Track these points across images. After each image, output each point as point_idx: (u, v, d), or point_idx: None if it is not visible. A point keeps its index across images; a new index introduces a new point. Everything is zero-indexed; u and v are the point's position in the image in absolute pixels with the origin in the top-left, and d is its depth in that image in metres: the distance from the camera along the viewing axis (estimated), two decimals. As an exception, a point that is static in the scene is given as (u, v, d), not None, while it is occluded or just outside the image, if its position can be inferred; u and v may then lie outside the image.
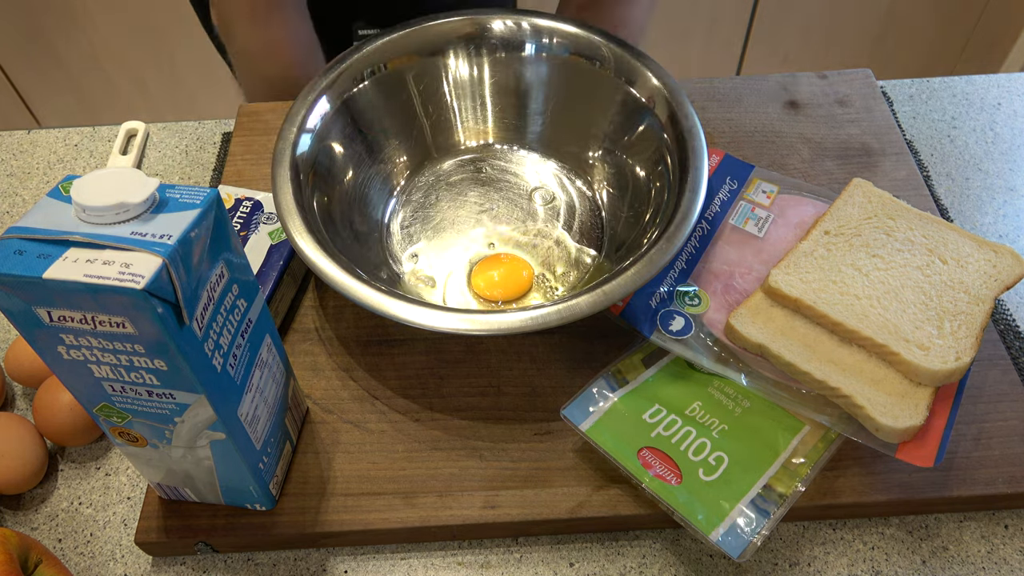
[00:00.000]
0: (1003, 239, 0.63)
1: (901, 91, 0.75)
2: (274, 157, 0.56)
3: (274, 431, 0.47)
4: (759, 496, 0.46)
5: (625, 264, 0.50)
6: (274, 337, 0.46)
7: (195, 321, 0.36)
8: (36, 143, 0.75)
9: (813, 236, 0.55)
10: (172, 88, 1.69)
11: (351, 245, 0.57)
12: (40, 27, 1.55)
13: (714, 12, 1.60)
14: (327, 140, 0.59)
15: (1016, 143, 0.70)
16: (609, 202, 0.63)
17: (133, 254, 0.34)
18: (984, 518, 0.50)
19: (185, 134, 0.75)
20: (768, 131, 0.69)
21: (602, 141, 0.64)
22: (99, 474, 0.54)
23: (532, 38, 0.64)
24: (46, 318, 0.35)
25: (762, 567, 0.48)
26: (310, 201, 0.55)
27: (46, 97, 1.69)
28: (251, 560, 0.50)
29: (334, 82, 0.60)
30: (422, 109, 0.65)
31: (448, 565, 0.49)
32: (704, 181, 0.53)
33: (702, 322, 0.52)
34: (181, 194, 0.37)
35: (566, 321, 0.47)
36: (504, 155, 0.67)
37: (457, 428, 0.52)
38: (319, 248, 0.51)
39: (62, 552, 0.51)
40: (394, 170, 0.65)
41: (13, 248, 0.34)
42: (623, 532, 0.50)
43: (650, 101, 0.60)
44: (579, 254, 0.60)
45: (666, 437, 0.48)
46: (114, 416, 0.41)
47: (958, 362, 0.47)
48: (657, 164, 0.59)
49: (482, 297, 0.58)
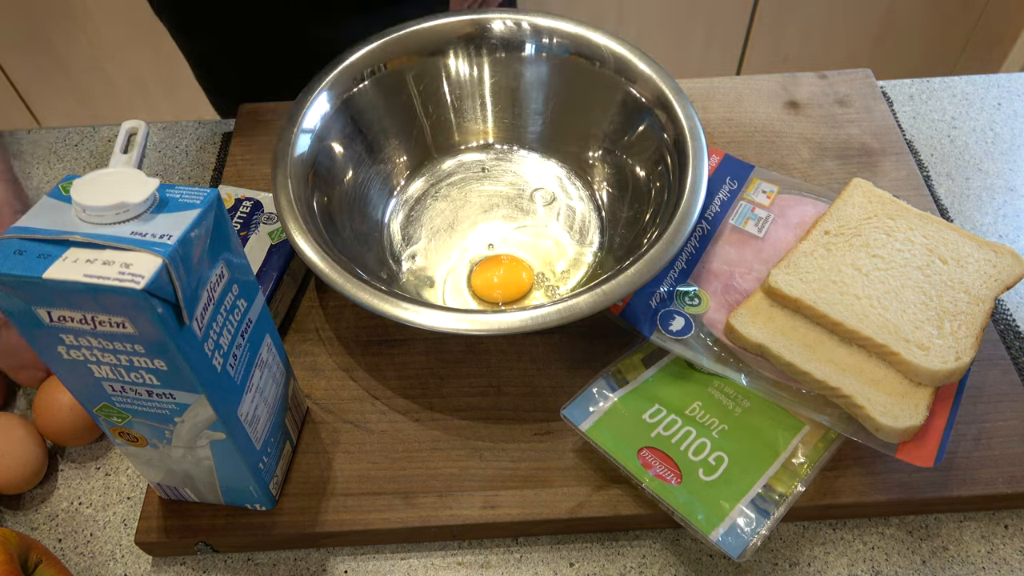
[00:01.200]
0: (1003, 239, 0.63)
1: (901, 91, 0.75)
2: (274, 157, 0.56)
3: (274, 431, 0.47)
4: (759, 496, 0.46)
5: (625, 264, 0.50)
6: (274, 337, 0.46)
7: (195, 321, 0.36)
8: (36, 143, 0.75)
9: (813, 236, 0.54)
10: (172, 88, 1.68)
11: (351, 245, 0.57)
12: (40, 27, 1.55)
13: (714, 12, 1.60)
14: (327, 140, 0.59)
15: (1016, 143, 0.70)
16: (609, 202, 0.63)
17: (133, 254, 0.34)
18: (984, 518, 0.50)
19: (185, 134, 0.75)
20: (768, 131, 0.69)
21: (602, 141, 0.64)
22: (99, 474, 0.54)
23: (532, 38, 0.64)
24: (46, 318, 0.35)
25: (762, 567, 0.48)
26: (310, 201, 0.55)
27: (46, 97, 1.69)
28: (251, 560, 0.50)
29: (334, 82, 0.60)
30: (422, 109, 0.65)
31: (448, 565, 0.49)
32: (704, 181, 0.54)
33: (702, 322, 0.52)
34: (181, 194, 0.37)
35: (566, 321, 0.47)
36: (504, 155, 0.67)
37: (457, 428, 0.52)
38: (319, 248, 0.51)
39: (62, 552, 0.51)
40: (394, 170, 0.65)
41: (13, 248, 0.34)
42: (623, 532, 0.50)
43: (650, 101, 0.60)
44: (579, 254, 0.60)
45: (666, 437, 0.48)
46: (114, 416, 0.41)
47: (958, 362, 0.47)
48: (657, 164, 0.59)
49: (482, 299, 0.58)
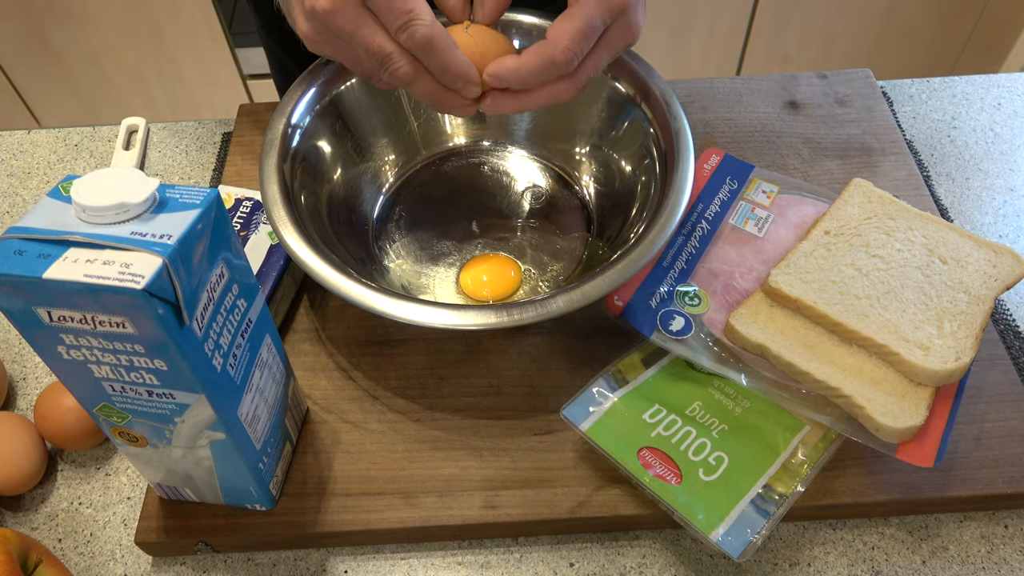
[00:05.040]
0: (1003, 239, 0.63)
1: (901, 91, 0.75)
2: (261, 152, 0.55)
3: (274, 431, 0.47)
4: (759, 496, 0.46)
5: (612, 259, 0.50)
6: (274, 337, 0.46)
7: (195, 321, 0.36)
8: (36, 143, 0.75)
9: (813, 236, 0.54)
10: (172, 88, 1.69)
11: (339, 242, 0.57)
12: (40, 26, 1.55)
13: (714, 12, 1.60)
14: (315, 138, 0.59)
15: (1016, 143, 0.70)
16: (597, 198, 0.63)
17: (133, 254, 0.34)
18: (984, 518, 0.50)
19: (185, 134, 0.75)
20: (768, 131, 0.69)
21: (589, 137, 0.64)
22: (99, 474, 0.54)
23: (516, 35, 0.64)
24: (46, 318, 0.35)
25: (762, 567, 0.48)
26: (298, 197, 0.55)
27: (46, 97, 1.69)
28: (251, 560, 0.50)
29: (322, 79, 0.60)
30: (410, 107, 0.65)
31: (448, 565, 0.49)
32: (689, 177, 0.53)
33: (702, 322, 0.52)
34: (181, 194, 0.37)
35: (541, 319, 0.47)
36: (492, 152, 0.67)
37: (457, 428, 0.52)
38: (305, 242, 0.51)
39: (62, 552, 0.51)
40: (383, 168, 0.65)
41: (13, 248, 0.34)
42: (623, 532, 0.50)
43: (635, 96, 0.60)
44: (568, 250, 0.60)
45: (666, 437, 0.48)
46: (114, 416, 0.41)
47: (958, 362, 0.47)
48: (643, 159, 0.59)
49: (470, 297, 0.58)
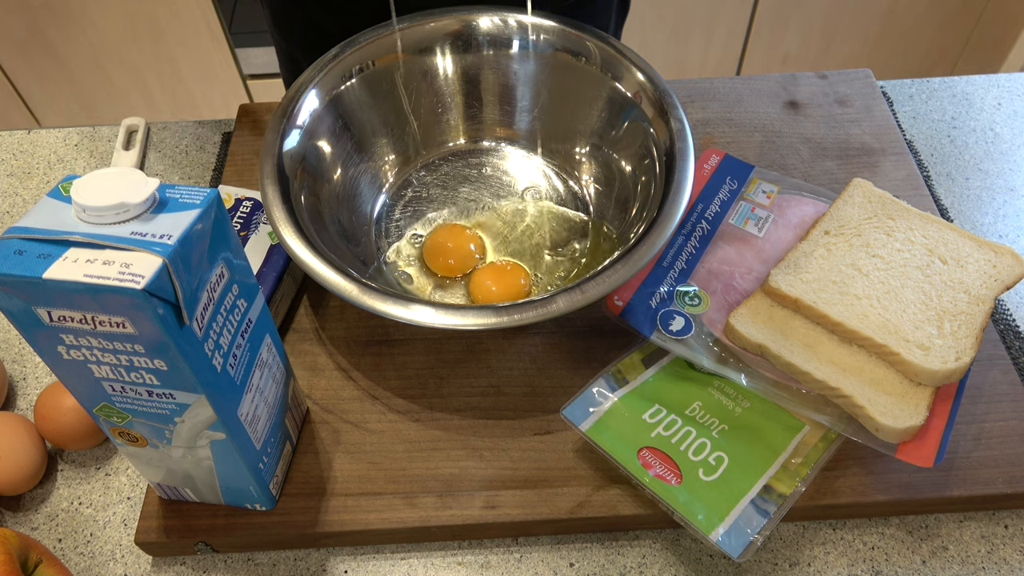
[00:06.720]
0: (1003, 239, 0.63)
1: (901, 91, 0.75)
2: (261, 152, 0.55)
3: (274, 431, 0.47)
4: (759, 496, 0.46)
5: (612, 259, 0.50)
6: (274, 337, 0.46)
7: (195, 321, 0.36)
8: (36, 143, 0.75)
9: (813, 236, 0.55)
10: (172, 88, 1.69)
11: (339, 242, 0.57)
12: (40, 26, 1.55)
13: (714, 12, 1.60)
14: (315, 138, 0.59)
15: (1016, 143, 0.70)
16: (597, 198, 0.63)
17: (133, 254, 0.34)
18: (984, 518, 0.50)
19: (185, 134, 0.75)
20: (768, 131, 0.69)
21: (589, 137, 0.64)
22: (99, 474, 0.54)
23: (518, 34, 0.64)
24: (46, 318, 0.35)
25: (762, 567, 0.48)
26: (298, 196, 0.55)
27: (46, 97, 1.69)
28: (251, 560, 0.50)
29: (323, 79, 0.60)
30: (410, 107, 0.65)
31: (448, 565, 0.49)
32: (689, 177, 0.53)
33: (702, 322, 0.52)
34: (181, 194, 0.37)
35: (541, 318, 0.47)
36: (493, 152, 0.67)
37: (457, 428, 0.52)
38: (305, 242, 0.51)
39: (62, 552, 0.51)
40: (383, 167, 0.65)
41: (13, 248, 0.34)
42: (623, 532, 0.50)
43: (635, 96, 0.60)
44: (570, 251, 0.60)
45: (666, 437, 0.48)
46: (114, 416, 0.41)
47: (958, 362, 0.47)
48: (643, 159, 0.59)
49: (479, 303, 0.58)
